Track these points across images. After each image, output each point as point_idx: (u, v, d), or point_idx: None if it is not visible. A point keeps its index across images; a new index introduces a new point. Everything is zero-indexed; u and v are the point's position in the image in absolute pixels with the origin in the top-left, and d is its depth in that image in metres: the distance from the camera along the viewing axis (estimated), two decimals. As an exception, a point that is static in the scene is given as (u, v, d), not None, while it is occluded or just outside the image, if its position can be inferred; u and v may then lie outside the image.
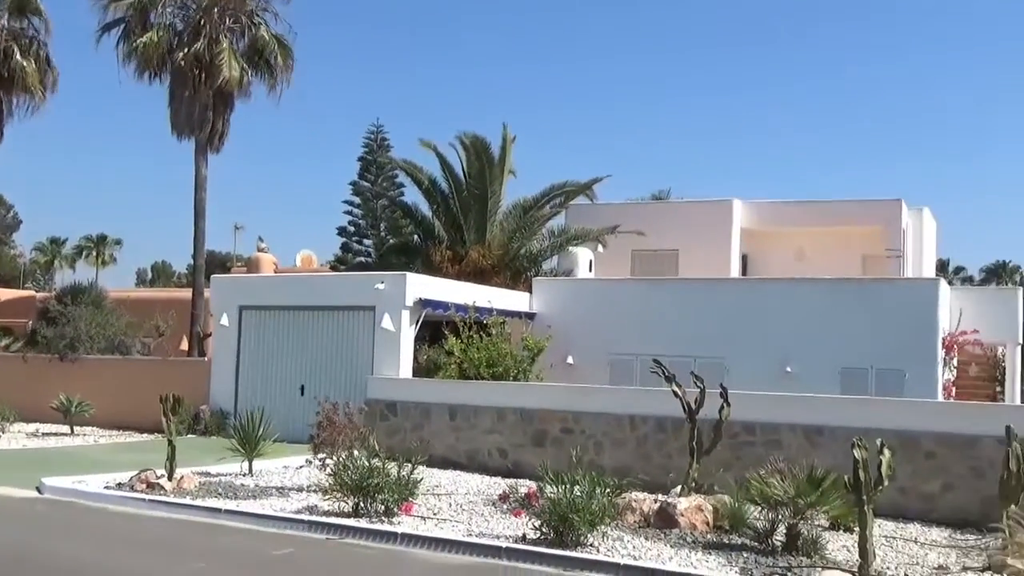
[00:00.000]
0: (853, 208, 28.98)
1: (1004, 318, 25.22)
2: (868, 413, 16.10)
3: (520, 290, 26.57)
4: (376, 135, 48.52)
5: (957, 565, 12.00)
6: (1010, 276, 71.29)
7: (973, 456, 14.96)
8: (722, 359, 22.56)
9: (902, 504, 15.08)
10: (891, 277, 26.25)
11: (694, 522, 13.36)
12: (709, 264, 28.22)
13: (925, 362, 21.90)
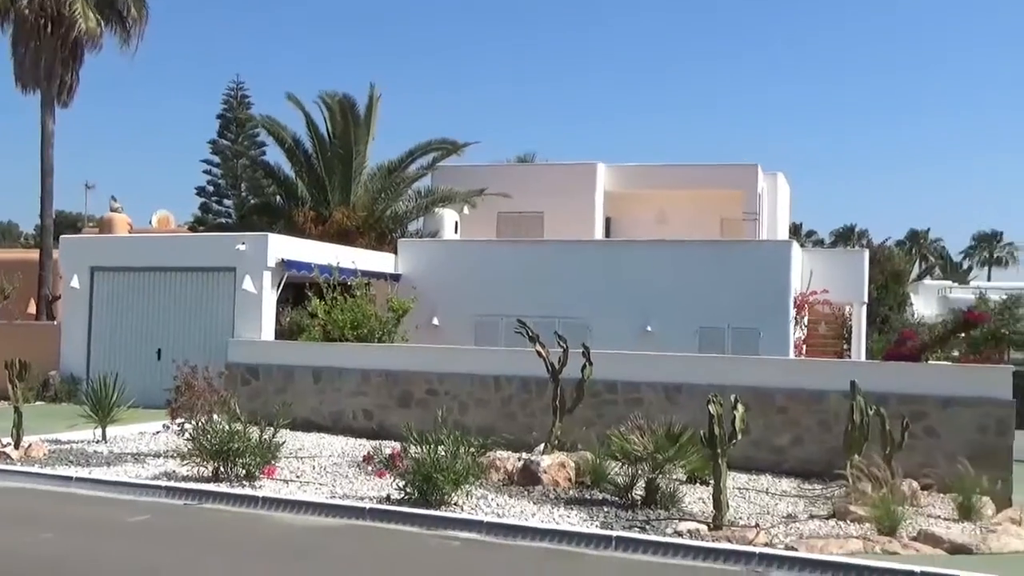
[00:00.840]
0: (712, 172, 29.74)
1: (851, 279, 26.36)
2: (724, 370, 16.62)
3: (386, 251, 26.34)
4: (236, 92, 47.11)
5: (805, 513, 12.55)
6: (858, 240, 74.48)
7: (821, 410, 15.62)
8: (585, 319, 22.91)
9: (755, 457, 15.63)
10: (747, 239, 27.08)
11: (557, 479, 13.58)
12: (573, 226, 28.56)
13: (778, 321, 22.74)
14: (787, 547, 10.45)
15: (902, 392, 15.24)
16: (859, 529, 11.50)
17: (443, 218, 28.77)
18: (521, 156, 44.25)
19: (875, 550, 10.52)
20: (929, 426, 15.05)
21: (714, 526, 11.18)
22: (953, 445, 14.70)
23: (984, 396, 15.02)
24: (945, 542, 10.94)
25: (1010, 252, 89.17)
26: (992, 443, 14.78)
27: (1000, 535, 11.45)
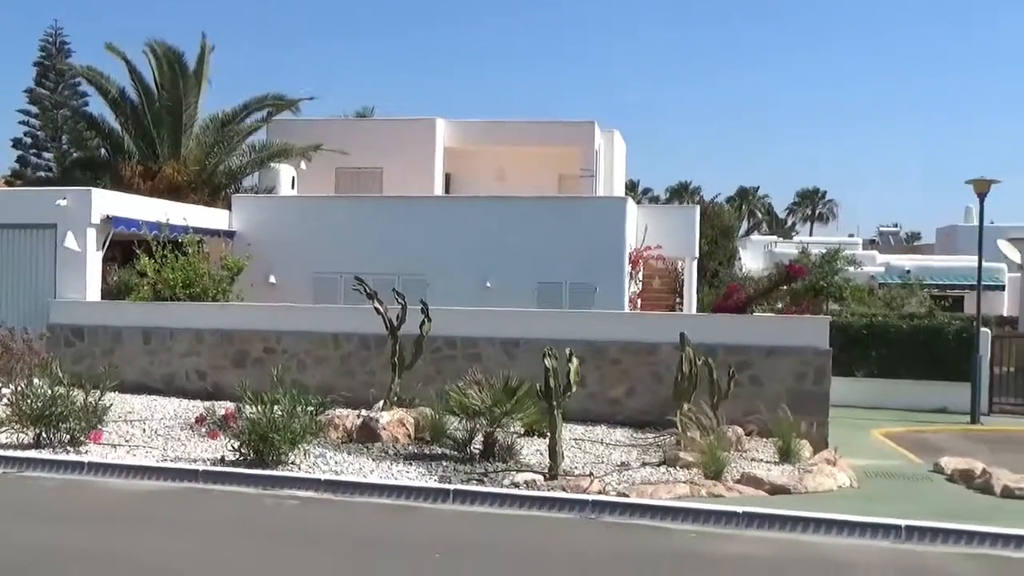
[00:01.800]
0: (550, 129, 29.99)
1: (683, 235, 27.18)
2: (561, 325, 16.92)
3: (219, 208, 25.53)
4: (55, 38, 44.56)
5: (637, 461, 12.99)
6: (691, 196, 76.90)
7: (653, 361, 16.12)
8: (425, 276, 22.86)
9: (592, 408, 16.05)
10: (584, 196, 27.50)
11: (396, 435, 13.60)
12: (413, 182, 28.36)
13: (614, 276, 23.25)
14: (619, 494, 10.81)
15: (729, 343, 15.89)
16: (687, 474, 11.99)
17: (279, 173, 28.05)
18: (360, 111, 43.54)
19: (701, 493, 11.01)
20: (754, 375, 15.77)
21: (550, 476, 11.43)
22: (775, 392, 15.45)
23: (803, 345, 15.83)
24: (766, 483, 11.54)
25: (831, 208, 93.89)
26: (810, 390, 15.61)
27: (816, 475, 12.16)
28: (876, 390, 22.14)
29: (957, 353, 22.10)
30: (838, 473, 12.51)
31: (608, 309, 21.52)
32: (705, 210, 33.83)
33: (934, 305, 29.99)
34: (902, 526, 9.68)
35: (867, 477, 13.14)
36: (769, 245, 45.47)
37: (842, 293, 29.59)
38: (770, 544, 9.51)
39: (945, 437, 19.10)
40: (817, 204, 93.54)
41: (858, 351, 22.59)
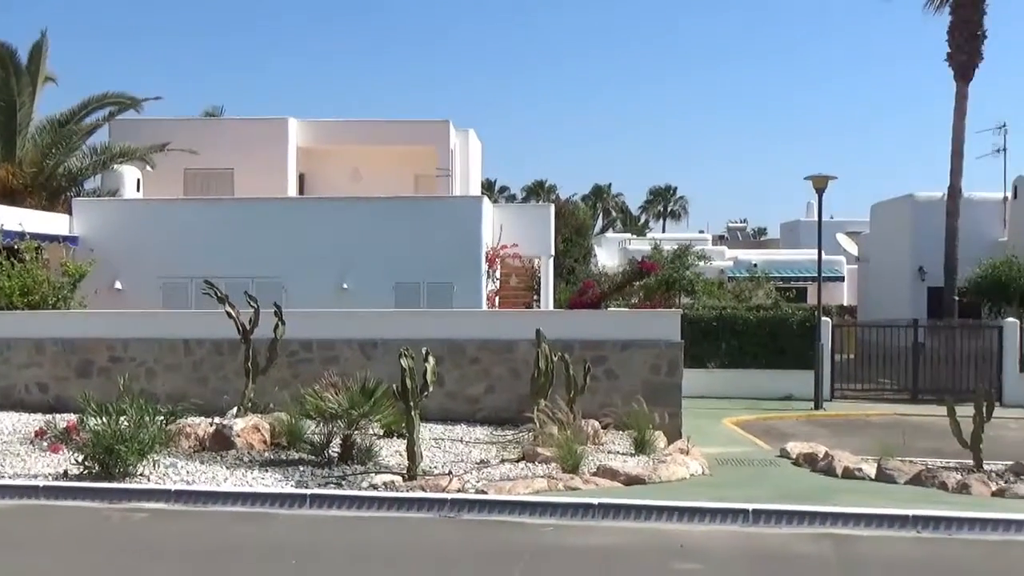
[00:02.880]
0: (405, 128, 29.85)
1: (539, 233, 27.47)
2: (419, 325, 16.87)
3: (59, 212, 24.43)
4: None
5: (497, 458, 13.05)
6: (547, 195, 77.86)
7: (511, 359, 16.23)
8: (280, 279, 22.46)
9: (451, 407, 16.07)
10: (440, 195, 27.49)
11: (251, 441, 13.29)
12: (265, 183, 27.76)
13: (471, 275, 23.34)
14: (478, 491, 10.83)
15: (585, 338, 16.13)
16: (545, 469, 12.12)
17: (123, 176, 27.03)
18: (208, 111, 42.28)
19: (559, 487, 11.14)
20: (609, 369, 16.06)
21: (409, 477, 11.37)
22: (631, 385, 15.78)
23: (656, 339, 16.20)
24: (622, 475, 11.77)
25: (682, 205, 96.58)
26: (664, 381, 16.00)
27: (669, 464, 12.47)
28: (727, 380, 22.92)
29: (801, 342, 23.08)
30: (691, 462, 12.86)
31: (466, 308, 21.59)
32: (560, 208, 34.28)
33: (780, 297, 31.22)
34: (750, 510, 10.02)
35: (718, 464, 13.56)
36: (623, 242, 46.49)
37: (693, 287, 30.46)
38: (625, 533, 9.70)
39: (791, 423, 19.93)
40: (669, 201, 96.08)
41: (709, 343, 23.34)
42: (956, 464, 13.20)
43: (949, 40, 26.99)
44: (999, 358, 23.24)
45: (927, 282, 28.70)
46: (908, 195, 30.91)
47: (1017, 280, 24.61)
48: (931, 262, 27.52)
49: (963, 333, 24.20)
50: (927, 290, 28.80)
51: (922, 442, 15.55)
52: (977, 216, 28.11)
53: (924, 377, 23.72)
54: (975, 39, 26.69)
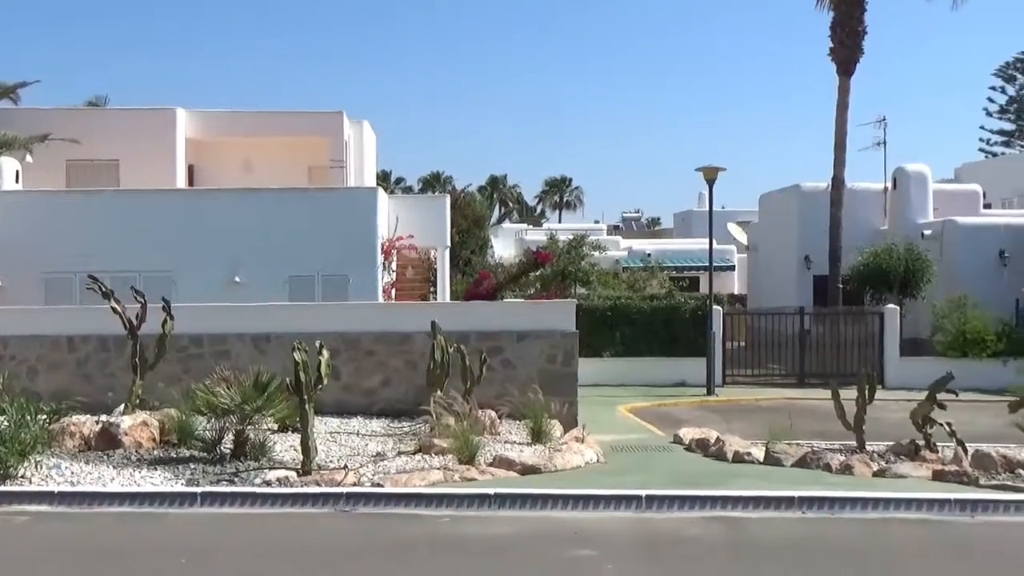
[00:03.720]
0: (298, 119, 29.40)
1: (435, 224, 27.39)
2: (314, 317, 16.66)
3: (-68, 205, 23.37)
4: None
5: (393, 451, 12.99)
6: (443, 186, 77.68)
7: (407, 351, 16.15)
8: (170, 272, 21.90)
9: (348, 401, 15.92)
10: (335, 187, 27.16)
11: (139, 440, 12.95)
12: (153, 175, 26.98)
13: (366, 267, 23.15)
14: (374, 484, 10.78)
15: (481, 329, 16.16)
16: (442, 461, 12.11)
17: (1, 167, 26.00)
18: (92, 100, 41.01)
19: (455, 478, 11.16)
20: (506, 359, 16.12)
21: (303, 471, 11.25)
22: (527, 375, 15.85)
23: (552, 329, 16.33)
24: (518, 464, 11.84)
25: (577, 196, 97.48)
26: (560, 371, 16.13)
27: (565, 453, 12.60)
28: (622, 368, 23.25)
29: (693, 330, 23.56)
30: (586, 450, 13.01)
31: (362, 300, 21.41)
32: (456, 200, 34.27)
33: (673, 286, 31.79)
34: (643, 496, 10.20)
35: (613, 452, 13.75)
36: (520, 233, 46.71)
37: (589, 277, 30.80)
38: (521, 522, 9.78)
39: (684, 409, 20.33)
40: (565, 192, 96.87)
41: (604, 332, 23.64)
42: (840, 446, 13.64)
43: (832, 35, 27.78)
44: (881, 343, 24.11)
45: (813, 270, 29.54)
46: (794, 186, 31.78)
47: (896, 268, 25.54)
48: (817, 251, 28.33)
49: (847, 319, 25.02)
50: (813, 278, 29.63)
51: (809, 425, 16.03)
52: (859, 206, 29.03)
53: (811, 362, 24.46)
54: (856, 35, 27.53)
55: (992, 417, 15.80)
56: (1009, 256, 25.99)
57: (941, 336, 24.06)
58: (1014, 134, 66.61)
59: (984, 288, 24.82)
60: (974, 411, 16.96)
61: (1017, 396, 12.96)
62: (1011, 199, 38.51)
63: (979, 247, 26.35)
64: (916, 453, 12.91)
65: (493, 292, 22.23)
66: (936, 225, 27.60)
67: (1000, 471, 12.00)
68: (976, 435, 14.09)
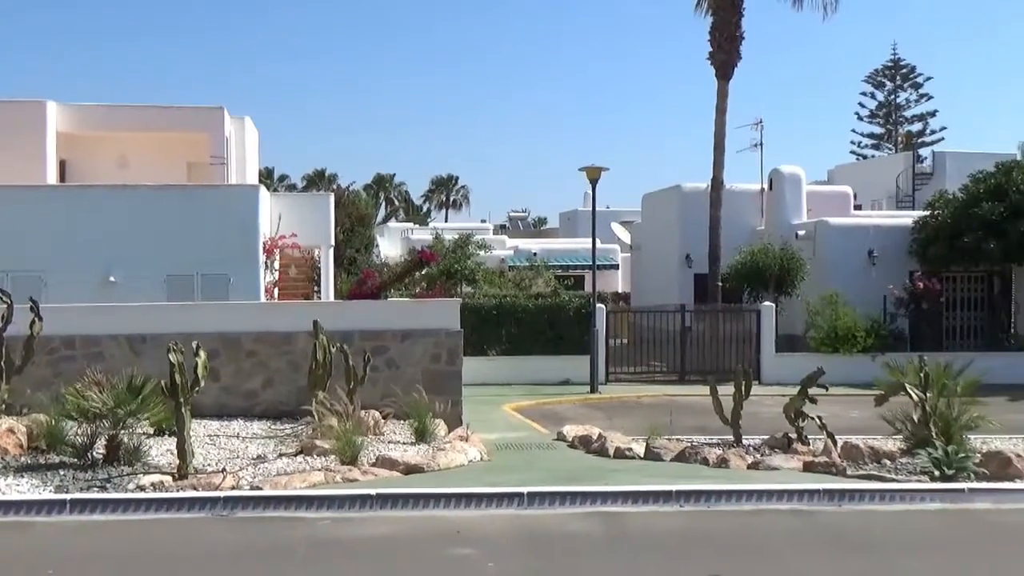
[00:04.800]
0: (177, 114, 28.60)
1: (319, 223, 27.03)
2: (192, 318, 16.25)
3: None
4: None
5: (275, 453, 12.79)
6: (328, 184, 76.70)
7: (289, 351, 15.92)
8: (39, 272, 21.09)
9: (228, 403, 15.64)
10: (215, 184, 26.55)
11: (5, 446, 12.40)
12: (20, 170, 25.84)
13: (248, 265, 22.72)
14: (253, 487, 10.59)
15: (365, 328, 16.06)
16: (324, 462, 11.98)
17: None
18: (-44, 92, 39.10)
19: (337, 479, 11.05)
20: (390, 358, 16.04)
21: (179, 476, 10.96)
22: (411, 374, 15.81)
23: (437, 328, 16.32)
24: (401, 464, 11.79)
25: (464, 195, 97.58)
26: (445, 370, 16.13)
27: (448, 452, 12.60)
28: (507, 367, 23.36)
29: (578, 328, 23.83)
30: (470, 448, 13.04)
31: (243, 300, 21.01)
32: (341, 198, 33.89)
33: (558, 285, 32.09)
34: (524, 493, 10.27)
35: (497, 450, 13.82)
36: (406, 232, 46.49)
37: (474, 276, 30.85)
38: (403, 522, 9.74)
39: (568, 407, 20.56)
40: (451, 191, 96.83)
41: (490, 330, 23.73)
42: (718, 440, 14.00)
43: (711, 40, 28.43)
44: (758, 339, 24.82)
45: (694, 269, 30.17)
46: (675, 186, 32.42)
47: (772, 266, 26.29)
48: (697, 250, 28.95)
49: (726, 317, 25.67)
50: (694, 276, 30.27)
51: (689, 420, 16.40)
52: (738, 206, 29.78)
53: (691, 359, 25.02)
54: (734, 40, 28.24)
55: (861, 410, 16.45)
56: (877, 255, 27.01)
57: (814, 332, 24.89)
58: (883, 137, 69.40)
59: (854, 286, 25.75)
60: (844, 404, 17.63)
61: (882, 390, 13.47)
62: (880, 200, 40.09)
63: (850, 246, 27.30)
64: (789, 446, 13.34)
65: (377, 291, 22.05)
66: (809, 225, 28.51)
67: (867, 461, 12.47)
68: (846, 427, 14.65)
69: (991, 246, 24.55)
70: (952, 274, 26.83)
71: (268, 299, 23.50)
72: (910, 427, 13.04)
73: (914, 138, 64.86)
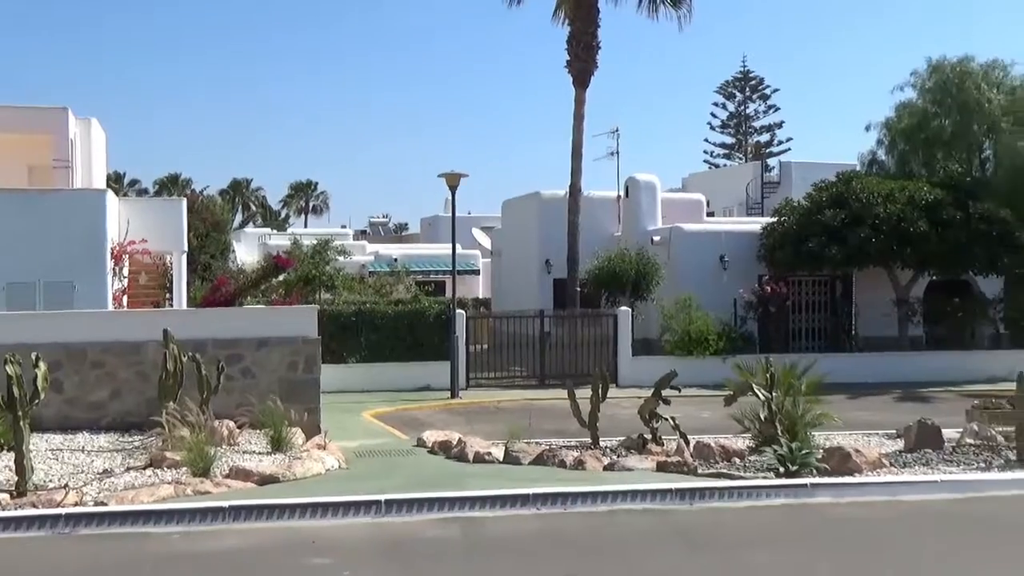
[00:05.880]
0: (16, 115, 27.17)
1: (171, 228, 26.16)
2: (31, 327, 15.52)
3: None
4: None
5: (122, 467, 12.32)
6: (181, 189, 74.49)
7: (138, 361, 15.37)
8: None
9: (72, 415, 15.07)
10: (58, 188, 25.42)
11: None
12: None
13: (94, 273, 21.82)
14: (97, 503, 10.17)
15: (219, 337, 15.66)
16: (174, 474, 11.61)
17: None
18: None
19: (187, 492, 10.71)
20: (246, 367, 15.69)
21: (18, 493, 10.45)
22: (268, 383, 15.50)
23: (294, 335, 16.05)
24: (255, 475, 11.53)
25: (323, 200, 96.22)
26: (302, 378, 15.87)
27: (305, 461, 12.39)
28: (367, 374, 23.15)
29: (438, 334, 23.81)
30: (327, 457, 12.85)
31: (89, 308, 20.17)
32: (194, 203, 32.95)
33: (419, 290, 32.01)
34: (382, 500, 10.19)
35: (357, 457, 13.67)
36: (263, 237, 45.59)
37: (334, 282, 30.48)
38: (258, 534, 9.52)
39: (429, 413, 20.51)
40: (310, 196, 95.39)
41: (349, 337, 23.50)
42: (576, 443, 14.20)
43: (568, 49, 28.88)
44: (615, 343, 25.31)
45: (553, 274, 30.58)
46: (535, 193, 32.78)
47: (629, 271, 26.86)
48: (556, 255, 29.33)
49: (584, 321, 26.08)
50: (553, 282, 30.68)
51: (548, 424, 16.59)
52: (595, 213, 30.33)
53: (551, 363, 25.30)
54: (591, 49, 28.75)
55: (713, 410, 16.97)
56: (729, 260, 27.91)
57: (669, 336, 25.54)
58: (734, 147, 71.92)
59: (707, 290, 26.55)
60: (697, 405, 18.16)
61: (732, 390, 13.91)
62: (731, 207, 41.49)
63: (702, 252, 28.14)
64: (644, 447, 13.64)
65: (232, 298, 21.48)
66: (664, 231, 29.26)
67: (718, 460, 12.85)
68: (698, 427, 15.09)
69: (833, 252, 25.69)
70: (798, 278, 27.96)
71: (116, 307, 22.63)
72: (758, 426, 13.51)
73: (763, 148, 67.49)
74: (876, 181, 27.55)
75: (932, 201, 26.11)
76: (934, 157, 30.44)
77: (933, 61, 30.69)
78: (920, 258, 26.13)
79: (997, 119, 29.00)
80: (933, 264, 26.58)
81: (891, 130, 31.49)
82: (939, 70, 30.37)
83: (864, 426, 16.15)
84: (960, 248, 25.82)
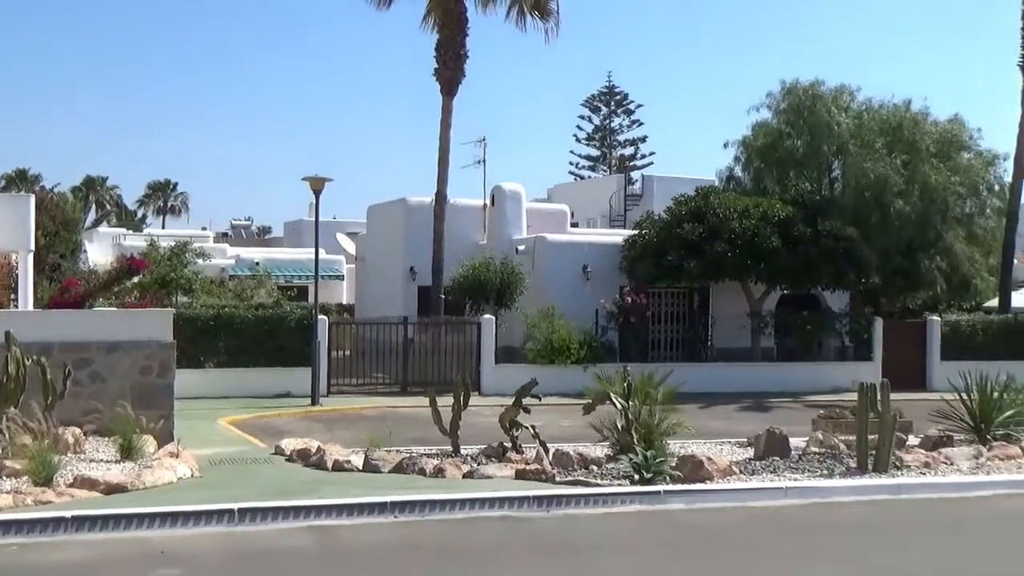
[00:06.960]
0: None
1: (16, 226, 24.94)
2: None
3: None
4: None
5: (-40, 477, 11.68)
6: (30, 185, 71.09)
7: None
8: None
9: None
10: None
11: None
12: None
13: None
14: (-72, 514, 9.61)
15: (67, 340, 15.06)
16: (14, 484, 11.12)
17: None
18: None
19: (27, 502, 10.24)
20: (95, 371, 15.12)
21: None
22: (119, 389, 14.95)
23: (147, 339, 15.56)
24: (102, 484, 11.11)
25: (183, 201, 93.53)
26: (155, 383, 15.39)
27: (156, 469, 12.01)
28: (225, 380, 22.58)
29: (299, 340, 23.42)
30: (179, 465, 12.48)
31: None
32: (44, 200, 31.53)
33: (282, 295, 31.45)
34: (235, 509, 9.95)
35: (211, 466, 13.33)
36: (118, 238, 44.04)
37: (192, 285, 29.66)
38: (103, 545, 9.18)
39: (288, 420, 20.17)
40: (169, 197, 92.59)
41: (207, 342, 22.89)
42: (437, 451, 14.17)
43: (436, 57, 28.85)
44: (478, 351, 25.40)
45: (417, 281, 30.47)
46: (401, 199, 32.64)
47: (493, 280, 26.99)
48: (421, 262, 29.24)
49: (448, 329, 26.09)
50: (418, 289, 30.58)
51: (411, 432, 16.52)
52: (461, 221, 30.39)
53: (414, 370, 25.20)
54: (459, 58, 28.80)
55: (573, 419, 17.18)
56: (591, 271, 28.37)
57: (532, 344, 25.79)
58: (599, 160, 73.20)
59: (570, 300, 26.91)
60: (558, 413, 18.37)
61: (591, 399, 14.14)
62: (595, 219, 42.16)
63: (566, 262, 28.51)
64: (503, 455, 13.73)
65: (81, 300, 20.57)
66: (529, 241, 29.54)
67: (576, 468, 13.02)
68: (558, 436, 15.26)
69: (691, 264, 26.42)
70: (658, 290, 28.62)
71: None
72: (615, 434, 13.76)
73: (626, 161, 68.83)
74: (733, 197, 28.46)
75: (784, 218, 27.15)
76: (787, 175, 31.58)
77: (787, 84, 31.86)
78: (772, 272, 27.11)
79: (845, 141, 30.31)
80: (784, 279, 27.61)
81: (747, 148, 32.53)
82: (792, 92, 31.56)
83: (717, 435, 16.64)
84: (809, 263, 26.90)
